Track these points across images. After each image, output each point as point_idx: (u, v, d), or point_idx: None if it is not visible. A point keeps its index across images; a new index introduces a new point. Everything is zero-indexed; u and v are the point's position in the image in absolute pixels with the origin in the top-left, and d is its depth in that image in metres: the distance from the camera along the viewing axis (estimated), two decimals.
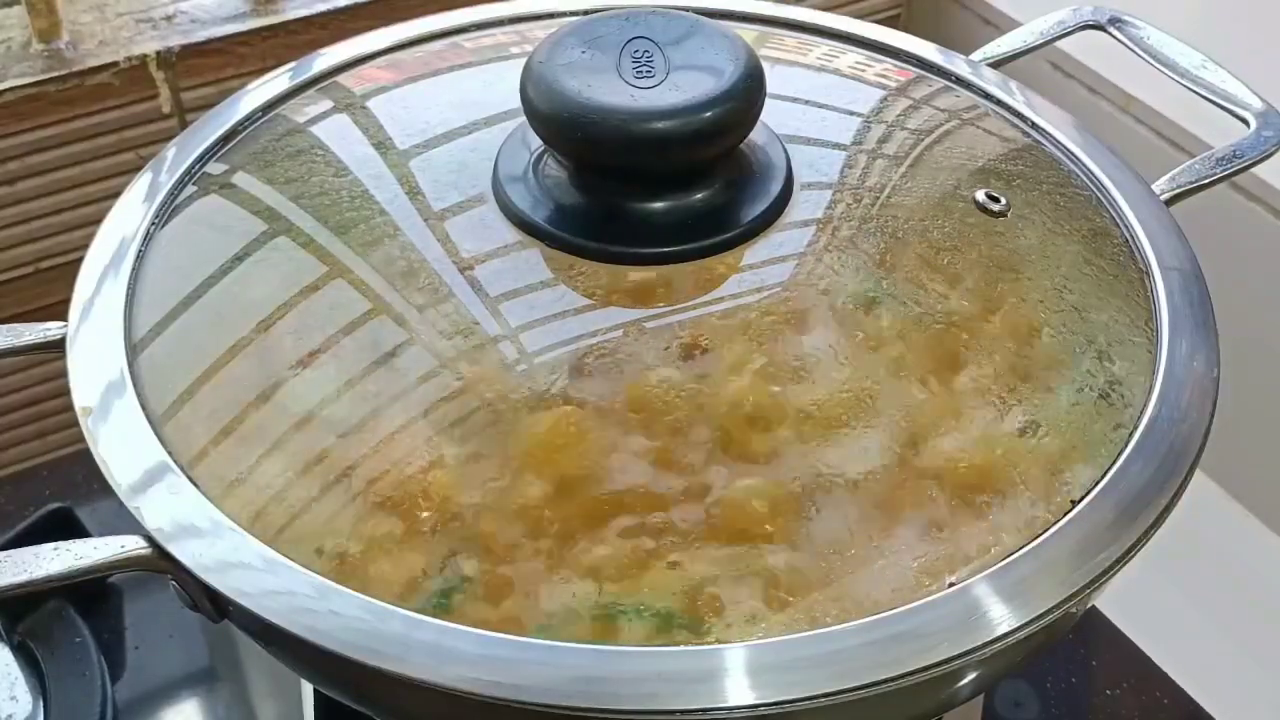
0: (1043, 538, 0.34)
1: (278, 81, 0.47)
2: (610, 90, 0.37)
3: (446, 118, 0.43)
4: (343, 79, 0.47)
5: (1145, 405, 0.37)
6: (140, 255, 0.41)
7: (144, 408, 0.37)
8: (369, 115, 0.45)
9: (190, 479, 0.35)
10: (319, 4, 0.69)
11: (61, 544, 0.34)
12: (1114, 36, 0.51)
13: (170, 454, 0.36)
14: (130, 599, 0.58)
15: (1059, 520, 0.35)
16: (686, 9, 0.41)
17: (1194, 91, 0.49)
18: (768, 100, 0.39)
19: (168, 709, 0.55)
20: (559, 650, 0.32)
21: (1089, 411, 0.37)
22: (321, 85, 0.47)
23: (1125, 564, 0.34)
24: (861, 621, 0.32)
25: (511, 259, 0.39)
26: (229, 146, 0.45)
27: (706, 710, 0.31)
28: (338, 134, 0.44)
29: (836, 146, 0.43)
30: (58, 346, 0.39)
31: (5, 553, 0.34)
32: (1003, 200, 0.42)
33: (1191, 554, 0.60)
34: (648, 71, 0.38)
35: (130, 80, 0.65)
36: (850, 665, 0.32)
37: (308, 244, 0.40)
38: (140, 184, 0.44)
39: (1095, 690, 0.56)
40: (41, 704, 0.52)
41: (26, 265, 0.68)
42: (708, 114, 0.37)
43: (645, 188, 0.39)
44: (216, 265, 0.40)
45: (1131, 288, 0.41)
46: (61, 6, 0.65)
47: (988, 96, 0.48)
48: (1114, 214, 0.43)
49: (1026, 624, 0.33)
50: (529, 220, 0.39)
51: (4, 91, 0.63)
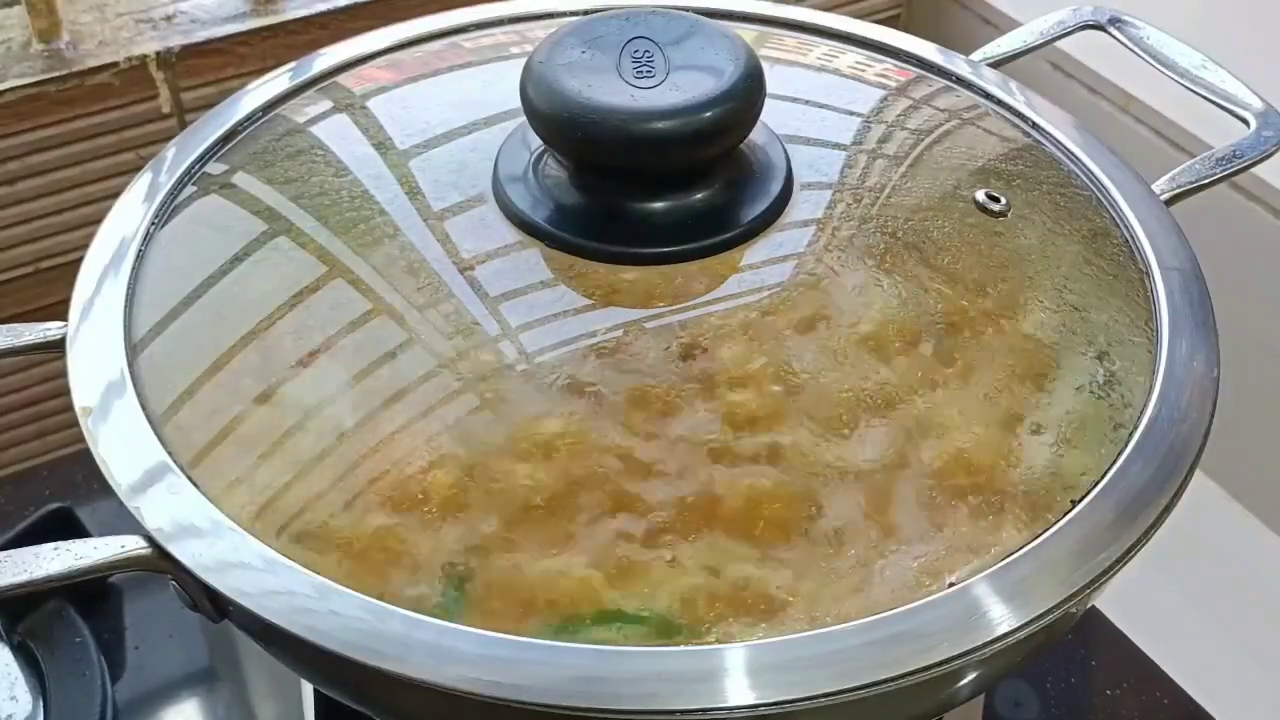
0: (1043, 538, 0.34)
1: (278, 81, 0.47)
2: (610, 90, 0.37)
3: (446, 118, 0.43)
4: (343, 79, 0.47)
5: (1145, 405, 0.37)
6: (140, 255, 0.41)
7: (144, 408, 0.37)
8: (369, 115, 0.45)
9: (190, 479, 0.35)
10: (319, 4, 0.69)
11: (61, 544, 0.34)
12: (1114, 36, 0.51)
13: (170, 454, 0.36)
14: (130, 599, 0.58)
15: (1059, 520, 0.35)
16: (686, 9, 0.41)
17: (1194, 91, 0.49)
18: (768, 100, 0.39)
19: (168, 709, 0.55)
20: (559, 650, 0.32)
21: (1089, 411, 0.37)
22: (321, 85, 0.47)
23: (1125, 564, 0.34)
24: (861, 621, 0.32)
25: (511, 259, 0.39)
26: (229, 146, 0.45)
27: (706, 710, 0.31)
28: (338, 134, 0.44)
29: (836, 146, 0.43)
30: (58, 346, 0.39)
31: (5, 553, 0.34)
32: (1003, 200, 0.42)
33: (1191, 554, 0.59)
34: (648, 71, 0.38)
35: (130, 80, 0.65)
36: (850, 665, 0.32)
37: (308, 244, 0.40)
38: (140, 184, 0.44)
39: (1095, 690, 0.56)
40: (41, 704, 0.52)
41: (26, 265, 0.68)
42: (708, 114, 0.37)
43: (645, 188, 0.39)
44: (216, 265, 0.40)
45: (1131, 288, 0.41)
46: (61, 6, 0.65)
47: (988, 96, 0.48)
48: (1114, 214, 0.43)
49: (1026, 624, 0.33)
50: (529, 220, 0.39)
51: (4, 91, 0.63)
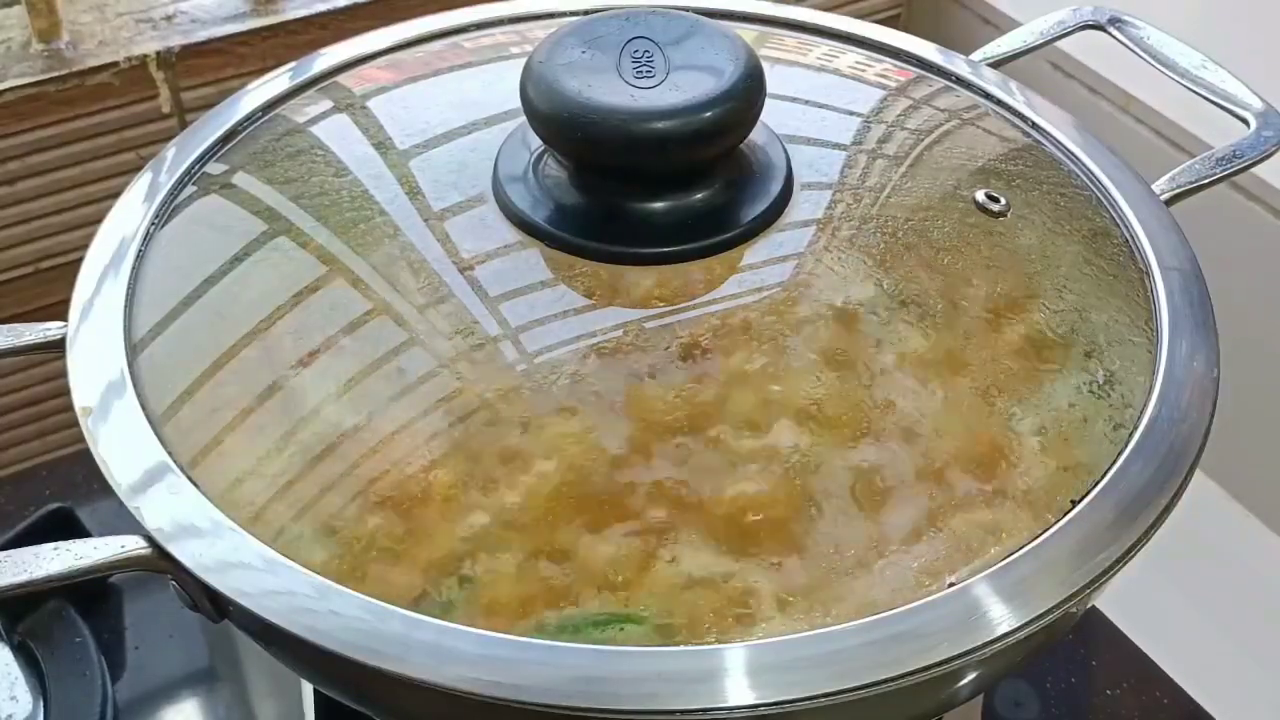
0: (1043, 538, 0.34)
1: (278, 81, 0.47)
2: (610, 90, 0.37)
3: (446, 118, 0.43)
4: (343, 79, 0.47)
5: (1145, 405, 0.37)
6: (140, 255, 0.41)
7: (144, 408, 0.37)
8: (369, 115, 0.45)
9: (190, 479, 0.35)
10: (319, 4, 0.69)
11: (61, 544, 0.34)
12: (1114, 36, 0.51)
13: (170, 454, 0.36)
14: (130, 599, 0.58)
15: (1059, 520, 0.35)
16: (686, 9, 0.41)
17: (1194, 91, 0.49)
18: (768, 100, 0.39)
19: (168, 709, 0.55)
20: (559, 650, 0.32)
21: (1089, 411, 0.37)
22: (321, 85, 0.47)
23: (1125, 564, 0.34)
24: (861, 621, 0.32)
25: (511, 259, 0.39)
26: (229, 146, 0.45)
27: (706, 710, 0.31)
28: (338, 134, 0.44)
29: (836, 146, 0.43)
30: (58, 346, 0.39)
31: (5, 553, 0.34)
32: (1003, 200, 0.42)
33: (1191, 554, 0.59)
34: (648, 71, 0.38)
35: (130, 80, 0.65)
36: (850, 665, 0.32)
37: (308, 244, 0.40)
38: (140, 184, 0.44)
39: (1095, 690, 0.56)
40: (41, 704, 0.52)
41: (26, 265, 0.68)
42: (708, 114, 0.37)
43: (645, 188, 0.39)
44: (216, 265, 0.40)
45: (1131, 288, 0.41)
46: (61, 6, 0.65)
47: (988, 96, 0.48)
48: (1114, 214, 0.43)
49: (1026, 624, 0.33)
50: (529, 220, 0.39)
51: (4, 91, 0.63)
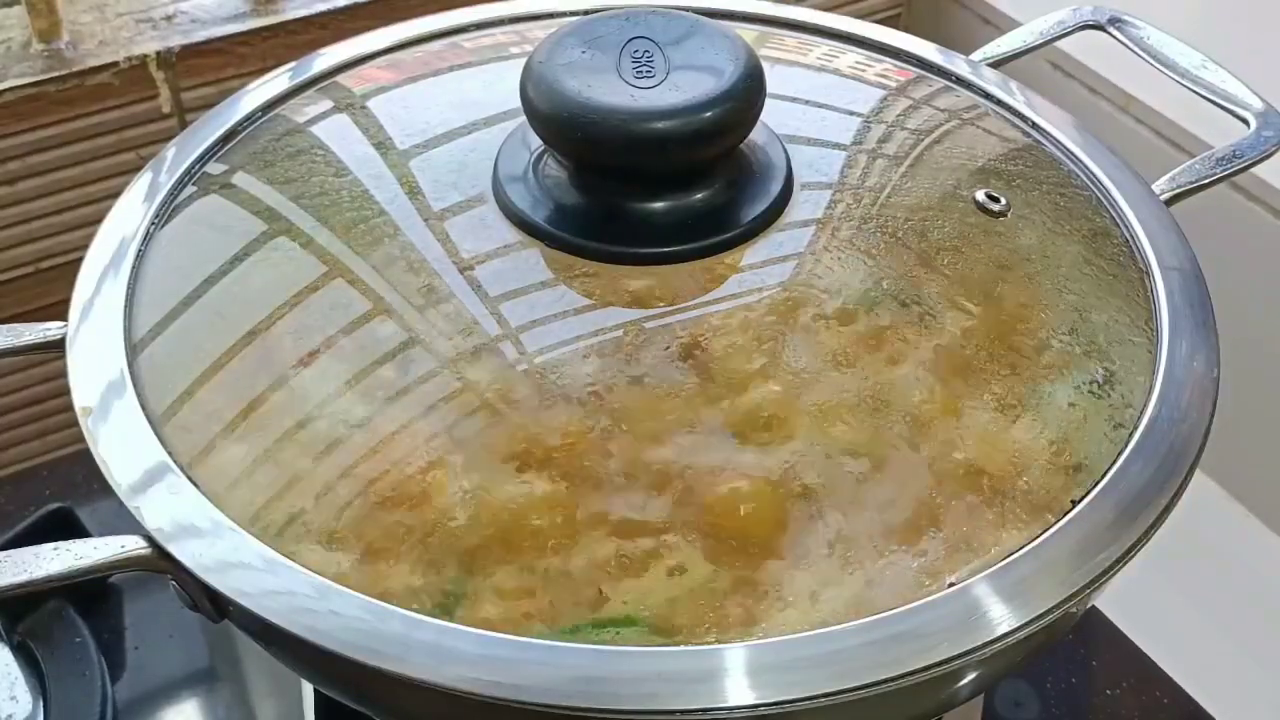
0: (1043, 538, 0.34)
1: (278, 81, 0.47)
2: (610, 90, 0.37)
3: (446, 118, 0.43)
4: (343, 79, 0.47)
5: (1145, 405, 0.37)
6: (140, 255, 0.41)
7: (144, 408, 0.37)
8: (369, 115, 0.45)
9: (190, 479, 0.35)
10: (319, 4, 0.69)
11: (61, 544, 0.34)
12: (1114, 36, 0.51)
13: (170, 454, 0.36)
14: (130, 599, 0.58)
15: (1059, 520, 0.35)
16: (686, 9, 0.41)
17: (1194, 91, 0.49)
18: (768, 100, 0.39)
19: (168, 709, 0.55)
20: (559, 650, 0.32)
21: (1089, 411, 0.37)
22: (321, 85, 0.47)
23: (1125, 564, 0.34)
24: (861, 621, 0.32)
25: (511, 259, 0.39)
26: (229, 146, 0.45)
27: (706, 710, 0.31)
28: (338, 134, 0.44)
29: (836, 146, 0.43)
30: (58, 346, 0.39)
31: (5, 553, 0.34)
32: (1003, 200, 0.42)
33: (1191, 554, 0.59)
34: (648, 71, 0.38)
35: (130, 80, 0.65)
36: (850, 665, 0.32)
37: (308, 244, 0.40)
38: (140, 184, 0.44)
39: (1095, 690, 0.56)
40: (41, 704, 0.52)
41: (26, 265, 0.68)
42: (708, 114, 0.37)
43: (645, 188, 0.39)
44: (216, 265, 0.40)
45: (1131, 288, 0.41)
46: (61, 6, 0.65)
47: (988, 96, 0.48)
48: (1114, 214, 0.43)
49: (1026, 624, 0.33)
50: (529, 220, 0.39)
51: (4, 91, 0.63)
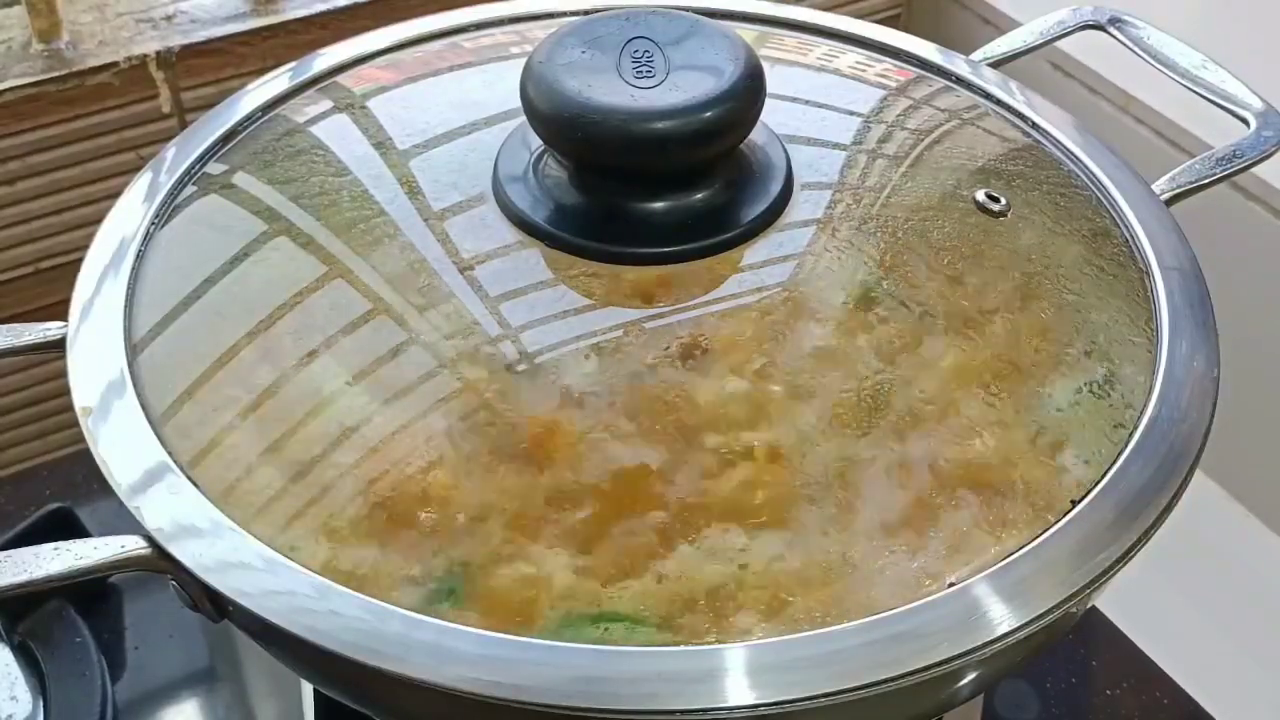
0: (1043, 538, 0.34)
1: (278, 81, 0.47)
2: (610, 90, 0.37)
3: (446, 118, 0.43)
4: (343, 79, 0.47)
5: (1145, 405, 0.37)
6: (140, 255, 0.41)
7: (144, 408, 0.37)
8: (369, 115, 0.45)
9: (190, 479, 0.35)
10: (319, 4, 0.69)
11: (61, 544, 0.34)
12: (1114, 36, 0.51)
13: (170, 454, 0.36)
14: (130, 599, 0.58)
15: (1059, 520, 0.35)
16: (686, 9, 0.41)
17: (1194, 91, 0.49)
18: (768, 100, 0.39)
19: (168, 709, 0.55)
20: (559, 650, 0.32)
21: (1089, 411, 0.37)
22: (321, 85, 0.47)
23: (1125, 564, 0.34)
24: (861, 621, 0.32)
25: (511, 259, 0.39)
26: (229, 146, 0.45)
27: (706, 710, 0.31)
28: (338, 134, 0.44)
29: (836, 146, 0.43)
30: (58, 346, 0.39)
31: (5, 553, 0.34)
32: (1003, 200, 0.42)
33: (1191, 554, 0.59)
34: (648, 71, 0.38)
35: (130, 80, 0.65)
36: (850, 665, 0.32)
37: (308, 244, 0.40)
38: (140, 184, 0.44)
39: (1095, 690, 0.56)
40: (41, 704, 0.52)
41: (26, 265, 0.68)
42: (708, 114, 0.37)
43: (645, 188, 0.39)
44: (216, 265, 0.40)
45: (1131, 288, 0.41)
46: (61, 6, 0.65)
47: (988, 96, 0.48)
48: (1114, 214, 0.43)
49: (1026, 624, 0.33)
50: (529, 220, 0.39)
51: (4, 91, 0.63)
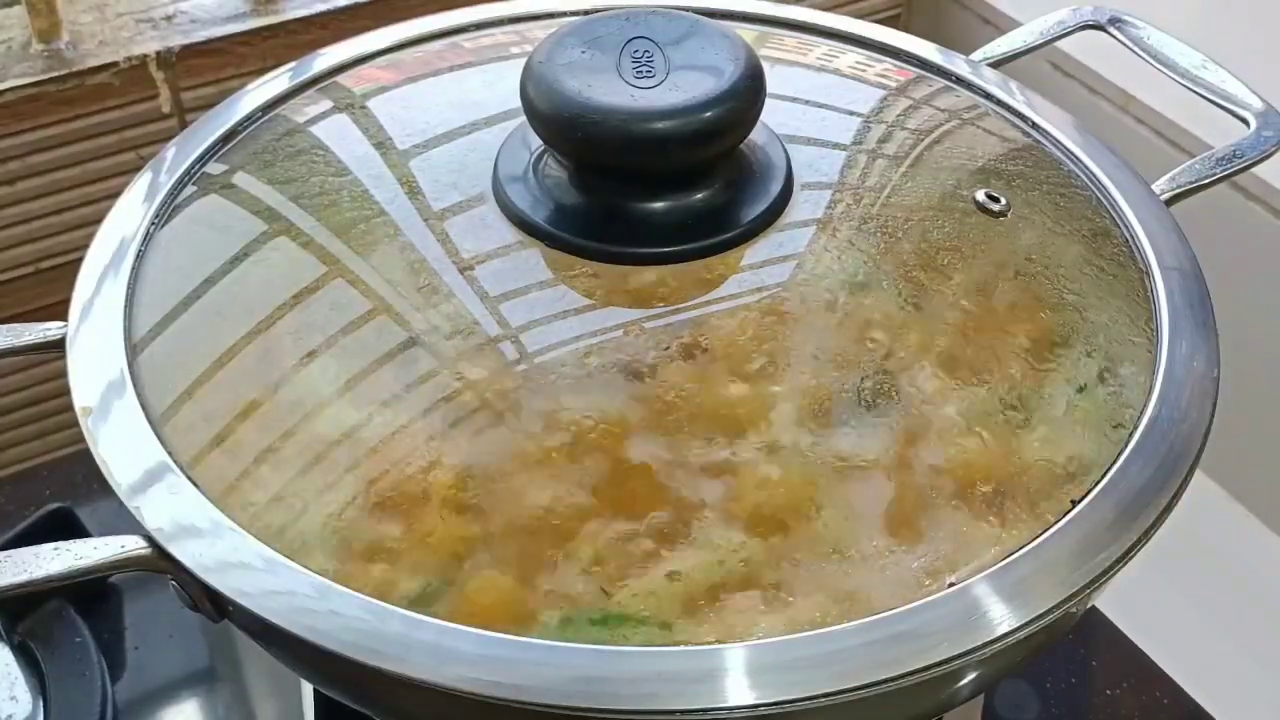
0: (1043, 538, 0.34)
1: (278, 81, 0.47)
2: (610, 90, 0.37)
3: (446, 118, 0.43)
4: (343, 79, 0.47)
5: (1145, 405, 0.37)
6: (140, 255, 0.41)
7: (144, 408, 0.37)
8: (369, 115, 0.45)
9: (190, 479, 0.35)
10: (319, 4, 0.69)
11: (61, 544, 0.34)
12: (1114, 36, 0.51)
13: (170, 454, 0.36)
14: (130, 599, 0.58)
15: (1059, 520, 0.35)
16: (686, 9, 0.41)
17: (1194, 91, 0.49)
18: (768, 100, 0.39)
19: (168, 709, 0.55)
20: (559, 650, 0.32)
21: (1089, 411, 0.37)
22: (321, 85, 0.47)
23: (1125, 564, 0.34)
24: (861, 621, 0.32)
25: (511, 259, 0.39)
26: (229, 146, 0.45)
27: (706, 710, 0.31)
28: (338, 134, 0.44)
29: (836, 146, 0.43)
30: (58, 346, 0.39)
31: (5, 553, 0.34)
32: (1003, 200, 0.42)
33: (1191, 554, 0.59)
34: (648, 71, 0.38)
35: (130, 80, 0.65)
36: (850, 665, 0.32)
37: (308, 244, 0.40)
38: (140, 184, 0.44)
39: (1095, 690, 0.56)
40: (41, 704, 0.52)
41: (26, 265, 0.68)
42: (708, 114, 0.37)
43: (645, 188, 0.39)
44: (216, 265, 0.40)
45: (1131, 288, 0.41)
46: (61, 6, 0.65)
47: (988, 96, 0.48)
48: (1114, 214, 0.43)
49: (1026, 624, 0.33)
50: (529, 220, 0.39)
51: (4, 91, 0.63)
